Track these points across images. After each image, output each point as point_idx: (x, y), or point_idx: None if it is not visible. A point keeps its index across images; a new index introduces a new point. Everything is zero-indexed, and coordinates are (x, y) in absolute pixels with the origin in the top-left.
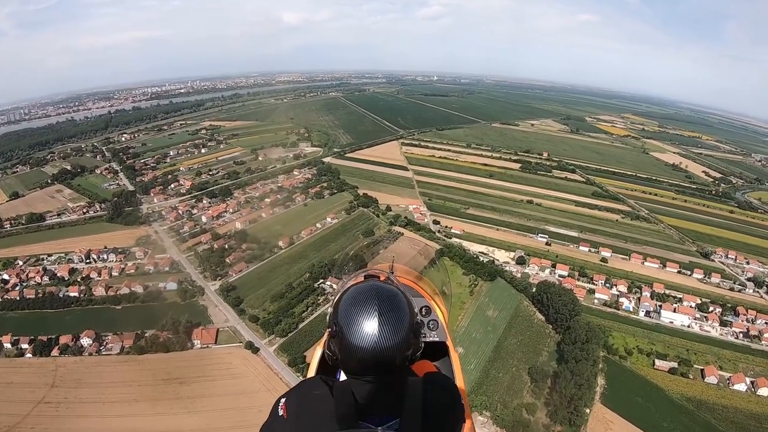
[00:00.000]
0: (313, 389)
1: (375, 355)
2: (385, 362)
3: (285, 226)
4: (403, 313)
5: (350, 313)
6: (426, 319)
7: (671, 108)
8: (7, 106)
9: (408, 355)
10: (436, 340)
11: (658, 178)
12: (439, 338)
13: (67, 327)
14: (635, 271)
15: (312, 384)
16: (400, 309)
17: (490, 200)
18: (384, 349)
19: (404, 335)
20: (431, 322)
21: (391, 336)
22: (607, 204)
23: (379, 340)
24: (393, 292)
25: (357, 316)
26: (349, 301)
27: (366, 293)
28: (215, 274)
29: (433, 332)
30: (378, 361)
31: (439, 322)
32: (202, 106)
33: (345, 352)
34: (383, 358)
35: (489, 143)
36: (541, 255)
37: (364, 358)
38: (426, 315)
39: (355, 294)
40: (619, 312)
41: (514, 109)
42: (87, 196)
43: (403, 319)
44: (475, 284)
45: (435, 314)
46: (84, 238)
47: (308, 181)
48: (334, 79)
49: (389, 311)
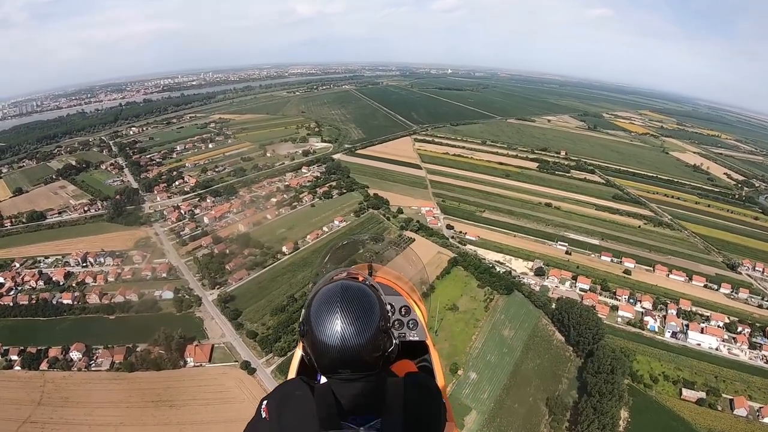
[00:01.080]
0: (294, 390)
1: (342, 351)
2: (352, 360)
3: (290, 229)
4: (369, 309)
5: (317, 312)
6: (405, 319)
7: (688, 105)
8: (22, 97)
9: (380, 353)
10: (416, 340)
11: (680, 180)
12: (419, 337)
13: (58, 337)
14: (660, 284)
15: (293, 385)
16: (364, 305)
17: (507, 203)
18: (350, 347)
19: (370, 334)
20: (411, 322)
21: (356, 332)
22: (628, 208)
23: (343, 338)
24: (361, 291)
25: (322, 314)
26: (319, 300)
27: (332, 292)
28: (214, 282)
29: (413, 331)
30: (347, 357)
31: (419, 321)
32: (213, 99)
33: (313, 351)
34: (351, 354)
35: (505, 140)
36: (561, 266)
37: (332, 356)
38: (405, 314)
39: (322, 294)
40: (644, 332)
41: (529, 104)
42: (90, 193)
43: (368, 315)
44: (491, 298)
45: (414, 313)
46: (83, 239)
47: (317, 180)
48: (347, 71)
49: (353, 308)
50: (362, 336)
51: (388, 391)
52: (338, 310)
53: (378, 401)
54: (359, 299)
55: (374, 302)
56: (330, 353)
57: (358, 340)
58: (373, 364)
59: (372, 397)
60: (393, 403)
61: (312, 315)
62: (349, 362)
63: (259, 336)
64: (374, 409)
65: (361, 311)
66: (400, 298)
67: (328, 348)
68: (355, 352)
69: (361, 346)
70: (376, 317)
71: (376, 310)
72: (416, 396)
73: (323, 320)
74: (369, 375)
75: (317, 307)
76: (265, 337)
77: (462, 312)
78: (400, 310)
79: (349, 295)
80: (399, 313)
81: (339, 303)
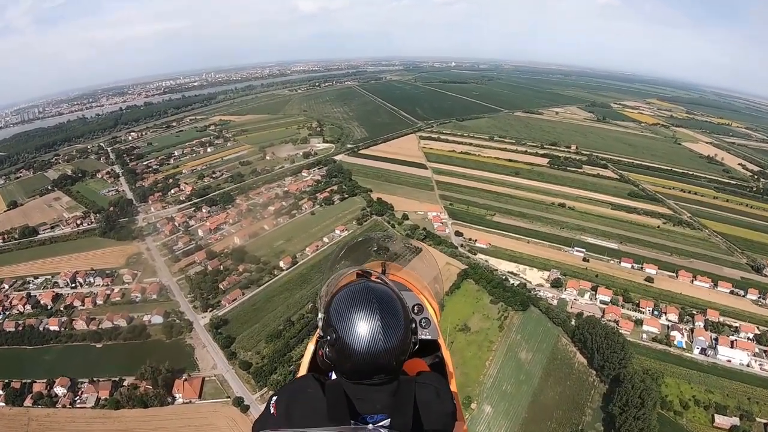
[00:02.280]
0: (305, 387)
1: (374, 358)
2: (384, 365)
3: (288, 240)
4: (400, 315)
5: (349, 317)
6: (418, 317)
7: (695, 92)
8: (24, 103)
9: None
10: (428, 338)
11: (695, 172)
12: (431, 336)
13: (44, 369)
14: (685, 292)
15: (304, 382)
16: (397, 311)
17: (518, 204)
18: (384, 352)
19: (402, 337)
20: (423, 320)
21: (392, 339)
22: (645, 206)
23: (380, 344)
24: (388, 295)
25: (356, 320)
26: (345, 303)
27: (363, 295)
28: (206, 304)
29: (425, 330)
30: (377, 364)
31: (431, 319)
32: (214, 100)
33: (342, 356)
34: (382, 362)
35: (513, 135)
36: (579, 275)
37: (364, 362)
38: (418, 313)
39: (350, 296)
40: (671, 349)
41: (536, 95)
42: (84, 205)
43: (400, 322)
44: (505, 316)
45: (427, 312)
46: (74, 256)
47: (317, 184)
48: (350, 67)
49: (388, 315)
50: (396, 339)
51: (400, 390)
52: (369, 315)
53: (389, 399)
54: (388, 303)
55: (401, 307)
56: (358, 359)
57: (394, 342)
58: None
59: (383, 395)
60: (404, 402)
61: (338, 318)
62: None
63: (254, 367)
64: (385, 407)
65: (390, 315)
66: (412, 295)
67: (357, 354)
68: (385, 359)
69: (391, 351)
70: (405, 323)
71: (403, 312)
72: (427, 395)
73: (352, 325)
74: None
75: (344, 310)
76: (260, 368)
77: (474, 333)
78: (412, 308)
79: (379, 299)
80: (412, 312)
81: (377, 306)
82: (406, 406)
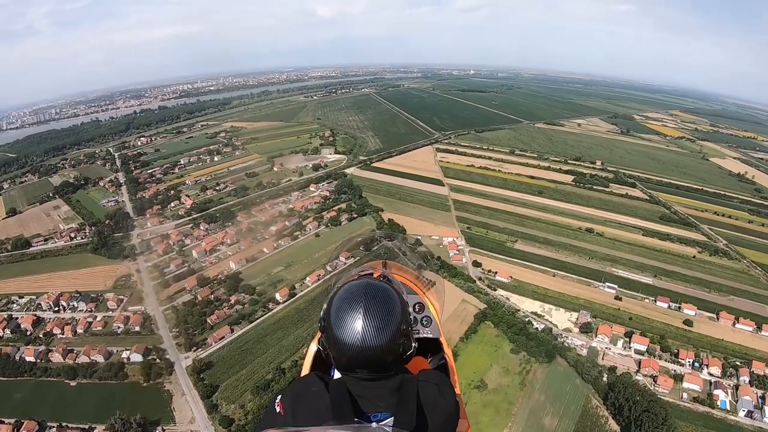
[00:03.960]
0: (309, 386)
1: (362, 352)
2: (374, 360)
3: (288, 267)
4: (392, 311)
5: (339, 310)
6: (419, 316)
7: (717, 103)
8: (44, 103)
9: (400, 352)
10: (429, 337)
11: (727, 192)
12: (432, 335)
13: (14, 405)
14: (726, 338)
15: (308, 381)
16: (388, 307)
17: (542, 228)
18: (371, 347)
19: (392, 334)
20: (425, 319)
21: (378, 334)
22: (679, 232)
23: (365, 338)
24: (384, 290)
25: (344, 313)
26: (339, 299)
27: (355, 290)
28: (191, 342)
29: (427, 329)
30: (366, 358)
31: (433, 318)
32: (229, 105)
33: (334, 349)
34: (371, 356)
35: (535, 148)
36: (610, 317)
37: (353, 355)
38: (419, 311)
39: (345, 291)
40: (714, 412)
41: (557, 106)
42: (82, 215)
43: (391, 318)
44: (528, 369)
45: (428, 310)
46: (62, 275)
47: (324, 202)
48: (368, 73)
49: (376, 309)
50: (382, 337)
51: (403, 388)
52: (360, 309)
53: (392, 398)
54: (382, 300)
55: (396, 303)
56: (349, 352)
57: (378, 341)
58: (392, 365)
59: (386, 393)
60: (407, 400)
61: (333, 312)
62: (367, 362)
63: (236, 425)
64: (388, 405)
65: (383, 312)
66: (414, 295)
67: (347, 347)
68: (375, 353)
69: (380, 347)
70: (397, 319)
71: (398, 311)
72: (430, 393)
73: (344, 319)
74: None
75: (339, 304)
76: (242, 427)
77: (492, 391)
78: (414, 307)
79: (372, 294)
80: (413, 310)
81: (362, 302)
82: (409, 404)
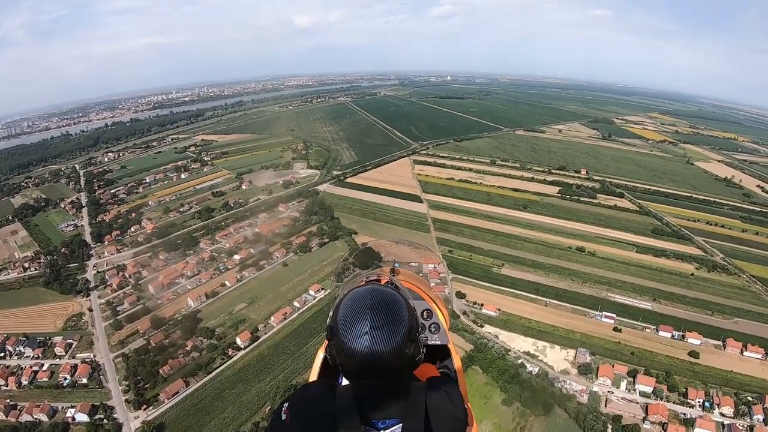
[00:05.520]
0: (316, 393)
1: (370, 358)
2: (381, 366)
3: (251, 304)
4: (399, 317)
5: (346, 316)
6: (427, 323)
7: (693, 104)
8: (17, 116)
9: (407, 359)
10: (438, 344)
11: (716, 198)
12: (440, 341)
13: None
14: (735, 369)
15: (315, 388)
16: (395, 313)
17: (530, 249)
18: (379, 353)
19: (399, 341)
20: (432, 326)
21: (385, 340)
22: (673, 247)
23: (373, 345)
24: (391, 296)
25: (351, 319)
26: (346, 305)
27: (362, 297)
28: (141, 399)
29: (435, 335)
30: (374, 364)
31: (441, 325)
32: (202, 117)
33: (341, 356)
34: (378, 362)
35: (517, 158)
36: (611, 354)
37: (360, 362)
38: (427, 318)
39: (352, 298)
40: None
41: (536, 111)
42: (38, 242)
43: (398, 324)
44: (523, 425)
45: (436, 317)
46: (11, 313)
47: (294, 224)
48: (344, 81)
49: (384, 315)
50: (390, 344)
51: (411, 395)
52: (367, 315)
53: (400, 405)
54: (389, 306)
55: (404, 310)
56: (356, 359)
57: (386, 347)
58: (399, 371)
59: (394, 400)
60: (415, 407)
61: (340, 318)
62: (375, 369)
63: None
64: (396, 412)
65: (390, 318)
66: (422, 301)
67: (354, 353)
68: (382, 360)
69: (388, 353)
70: (405, 325)
71: (406, 317)
72: (439, 400)
73: (351, 325)
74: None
75: (346, 311)
76: None
77: None
78: (422, 314)
79: (379, 301)
80: (421, 317)
81: (369, 308)
82: (417, 411)
